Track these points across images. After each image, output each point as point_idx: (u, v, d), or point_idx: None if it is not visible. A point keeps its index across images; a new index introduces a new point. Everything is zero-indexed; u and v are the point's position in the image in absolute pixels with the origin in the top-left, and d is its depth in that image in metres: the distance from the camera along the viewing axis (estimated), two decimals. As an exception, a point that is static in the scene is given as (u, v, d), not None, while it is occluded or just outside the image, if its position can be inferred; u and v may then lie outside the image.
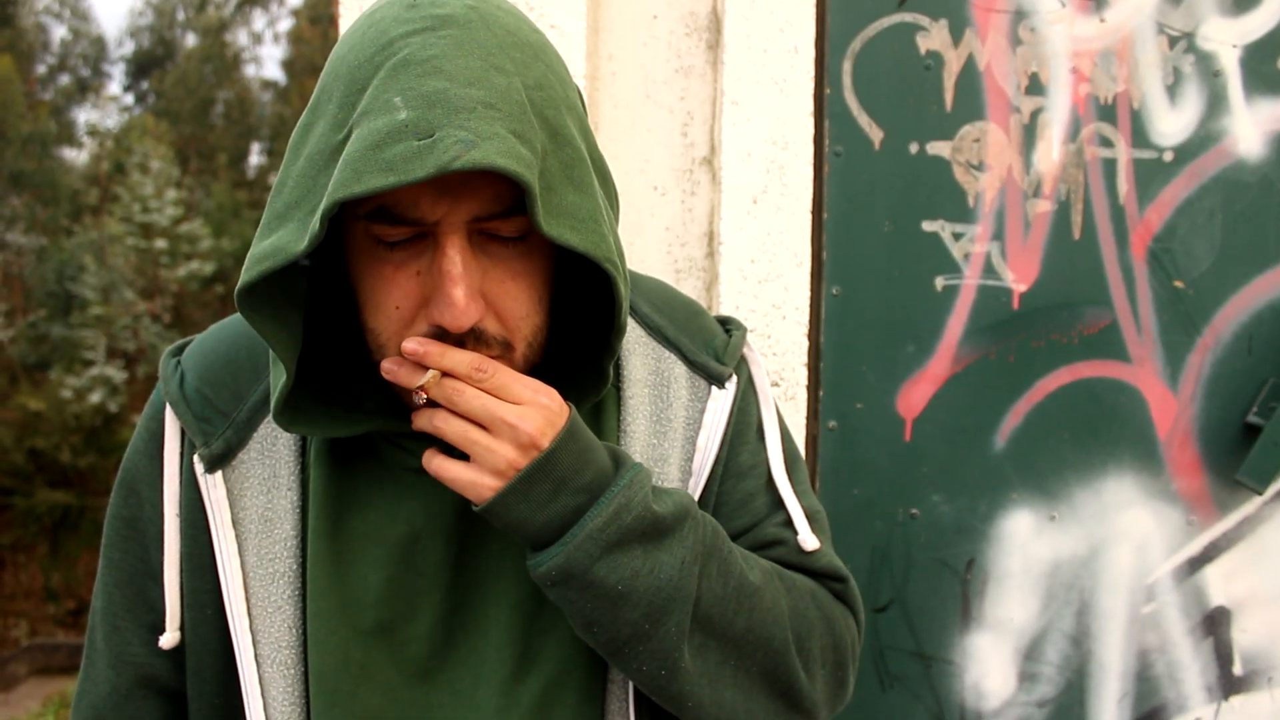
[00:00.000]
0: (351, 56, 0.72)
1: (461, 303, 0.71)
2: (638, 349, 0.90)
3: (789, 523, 0.91)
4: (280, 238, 0.71)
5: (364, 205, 0.71)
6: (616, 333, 0.79)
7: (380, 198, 0.70)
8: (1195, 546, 1.52)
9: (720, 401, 0.89)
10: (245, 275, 0.71)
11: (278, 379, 0.77)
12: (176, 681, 0.88)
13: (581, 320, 0.86)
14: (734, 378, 0.91)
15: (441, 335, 0.74)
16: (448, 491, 0.82)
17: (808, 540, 0.91)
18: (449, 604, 0.83)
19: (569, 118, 0.75)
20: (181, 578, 0.85)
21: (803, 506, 0.92)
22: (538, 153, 0.70)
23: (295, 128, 0.77)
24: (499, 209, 0.72)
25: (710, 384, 0.90)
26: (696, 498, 0.88)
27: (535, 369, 0.82)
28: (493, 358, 0.75)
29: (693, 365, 0.90)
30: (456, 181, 0.70)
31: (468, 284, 0.72)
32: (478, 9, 0.73)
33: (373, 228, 0.72)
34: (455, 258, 0.71)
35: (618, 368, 0.89)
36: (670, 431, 0.88)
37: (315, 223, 0.67)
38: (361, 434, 0.83)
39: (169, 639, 0.85)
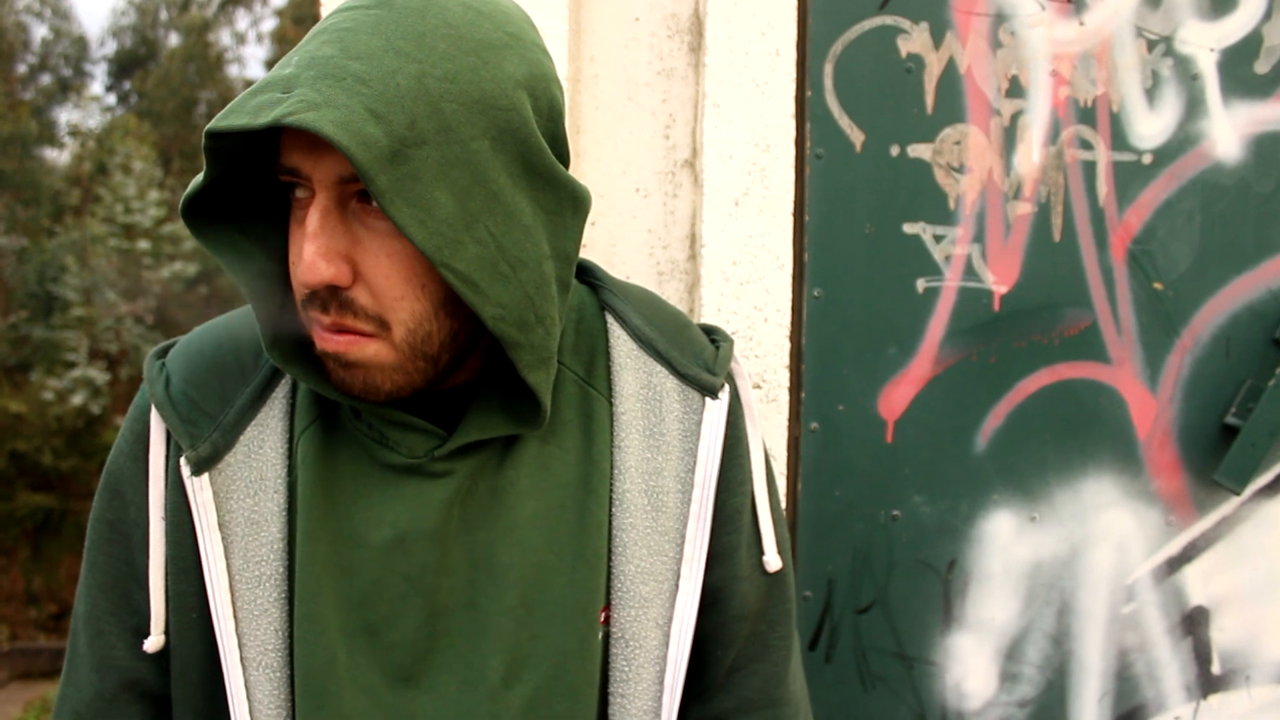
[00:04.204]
0: None
1: (308, 258, 0.72)
2: (630, 363, 0.90)
3: (758, 543, 0.93)
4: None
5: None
6: (522, 367, 0.77)
7: (284, 154, 0.74)
8: (1174, 546, 1.53)
9: (715, 412, 0.89)
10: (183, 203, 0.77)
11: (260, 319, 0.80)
12: (161, 686, 0.88)
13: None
14: (726, 388, 0.91)
15: (314, 295, 0.75)
16: (433, 493, 0.82)
17: (772, 560, 0.93)
18: (434, 608, 0.82)
19: (482, 120, 0.72)
20: (167, 581, 0.84)
21: (774, 532, 0.94)
22: (397, 137, 0.69)
23: None
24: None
25: (703, 395, 0.90)
26: (709, 514, 0.88)
27: (468, 386, 0.84)
28: (364, 334, 0.76)
29: (684, 378, 0.90)
30: (323, 142, 0.71)
31: (321, 242, 0.72)
32: None
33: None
34: (315, 214, 0.73)
35: (610, 382, 0.89)
36: (664, 445, 0.88)
37: (204, 158, 0.74)
38: (349, 434, 0.83)
39: (153, 642, 0.85)
